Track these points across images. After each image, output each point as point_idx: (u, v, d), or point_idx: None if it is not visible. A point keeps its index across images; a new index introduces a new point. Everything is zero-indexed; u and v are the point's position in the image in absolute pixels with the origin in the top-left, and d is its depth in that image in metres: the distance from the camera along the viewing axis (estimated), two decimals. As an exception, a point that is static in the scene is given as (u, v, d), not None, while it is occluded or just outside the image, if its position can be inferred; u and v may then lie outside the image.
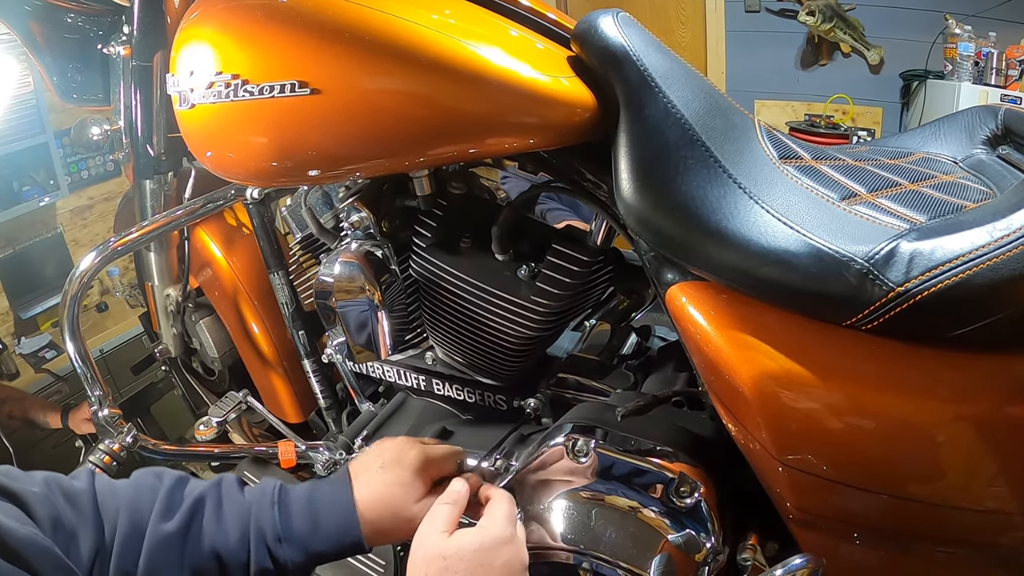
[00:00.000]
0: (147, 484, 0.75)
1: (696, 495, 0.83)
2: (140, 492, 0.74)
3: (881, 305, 0.65)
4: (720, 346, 0.73)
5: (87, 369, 1.12)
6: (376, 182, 1.08)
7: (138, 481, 0.76)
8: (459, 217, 1.05)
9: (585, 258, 0.97)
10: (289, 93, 0.80)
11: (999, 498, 0.70)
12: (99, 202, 2.93)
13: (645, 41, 0.79)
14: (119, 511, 0.71)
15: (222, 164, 0.92)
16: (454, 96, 0.78)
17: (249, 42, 0.84)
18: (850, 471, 0.72)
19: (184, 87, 0.90)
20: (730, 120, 0.80)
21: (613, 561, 0.85)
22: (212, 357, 1.59)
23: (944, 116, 1.01)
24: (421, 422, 1.23)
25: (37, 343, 2.72)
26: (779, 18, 3.42)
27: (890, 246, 0.65)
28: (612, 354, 1.20)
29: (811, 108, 3.47)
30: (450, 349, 1.16)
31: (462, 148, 0.81)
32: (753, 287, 0.72)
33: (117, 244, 1.18)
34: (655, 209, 0.75)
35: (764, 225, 0.71)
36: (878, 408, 0.69)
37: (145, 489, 0.75)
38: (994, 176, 0.86)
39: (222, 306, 1.51)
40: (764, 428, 0.73)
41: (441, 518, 0.74)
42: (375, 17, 0.79)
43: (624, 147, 0.77)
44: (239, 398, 1.35)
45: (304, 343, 1.35)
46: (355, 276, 1.00)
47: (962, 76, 2.87)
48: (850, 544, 0.78)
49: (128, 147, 1.41)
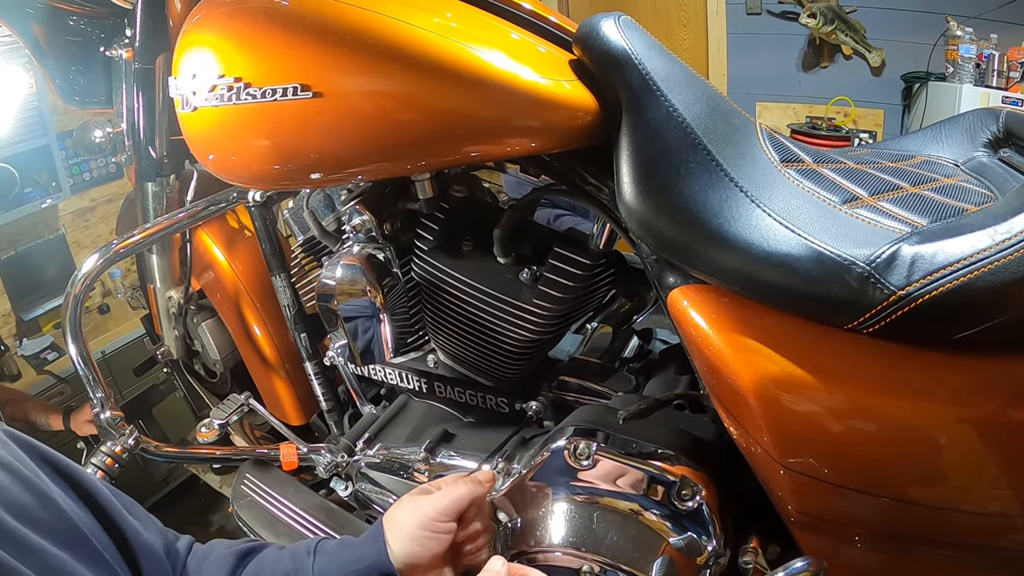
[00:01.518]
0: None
1: (698, 498, 0.83)
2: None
3: (883, 309, 0.65)
4: (721, 349, 0.73)
5: (89, 371, 1.12)
6: (378, 185, 1.09)
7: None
8: (461, 220, 1.06)
9: (587, 261, 0.97)
10: (291, 96, 0.80)
11: (1001, 501, 0.70)
12: (101, 204, 2.93)
13: (647, 44, 0.79)
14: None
15: (224, 167, 0.92)
16: (456, 99, 0.78)
17: (251, 45, 0.84)
18: (852, 474, 0.72)
19: (186, 90, 0.90)
20: (732, 123, 0.80)
21: (614, 564, 0.85)
22: (214, 359, 1.60)
23: (945, 119, 1.01)
24: (423, 425, 1.23)
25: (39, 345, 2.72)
26: (780, 20, 3.42)
27: (892, 250, 0.65)
28: (614, 357, 1.20)
29: (812, 110, 3.47)
30: (452, 352, 1.16)
31: (464, 151, 0.81)
32: (755, 290, 0.72)
33: (119, 246, 1.18)
34: (657, 212, 0.75)
35: (766, 229, 0.71)
36: (880, 411, 0.69)
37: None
38: (995, 179, 0.86)
39: (224, 308, 1.51)
40: (765, 431, 0.73)
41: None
42: (377, 21, 0.79)
43: (626, 150, 0.77)
44: (241, 400, 1.35)
45: (306, 345, 1.35)
46: (357, 279, 1.00)
47: (963, 78, 2.86)
48: (851, 547, 0.78)
49: (130, 150, 1.41)
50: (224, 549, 0.77)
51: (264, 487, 1.36)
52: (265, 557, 0.77)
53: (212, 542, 0.78)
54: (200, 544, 0.78)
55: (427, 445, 1.14)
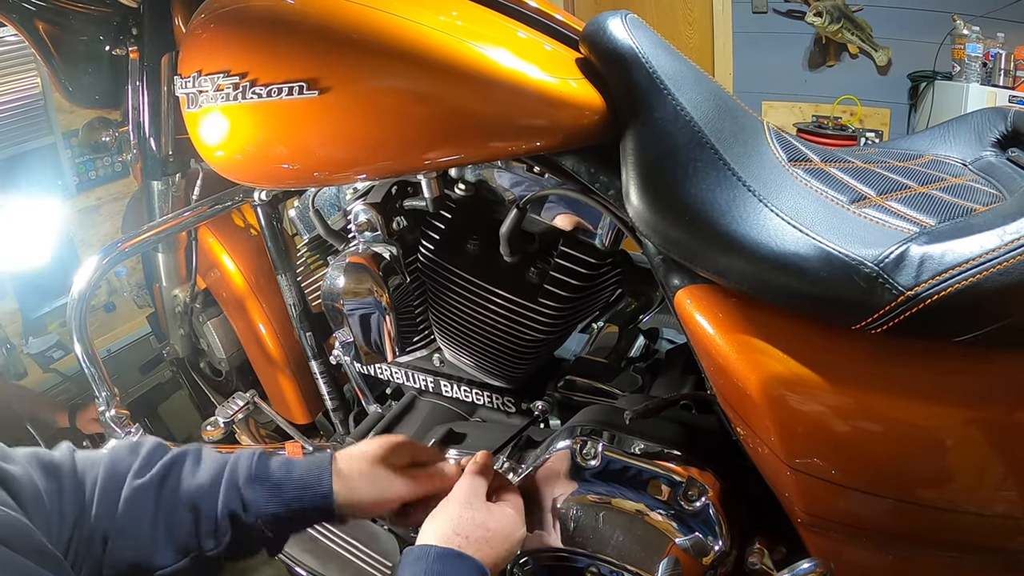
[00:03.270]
0: (124, 447, 0.77)
1: (704, 499, 0.83)
2: (117, 455, 0.76)
3: (891, 309, 0.64)
4: (728, 350, 0.73)
5: (94, 369, 1.12)
6: (384, 184, 1.08)
7: (116, 447, 0.78)
8: (467, 219, 1.05)
9: (593, 260, 0.97)
10: (297, 95, 0.80)
11: (1008, 503, 0.69)
12: (107, 203, 2.94)
13: (654, 43, 0.79)
14: (98, 473, 0.73)
15: (230, 166, 0.92)
16: (462, 98, 0.78)
17: (257, 43, 0.84)
18: (859, 475, 0.71)
19: (192, 88, 0.90)
20: (739, 122, 0.80)
21: (620, 564, 0.85)
22: (219, 358, 1.60)
23: (953, 118, 1.01)
24: (428, 423, 1.23)
25: (45, 343, 2.72)
26: (786, 19, 3.41)
27: (900, 249, 0.65)
28: (620, 357, 1.20)
29: (819, 109, 3.47)
30: (458, 351, 1.16)
31: (470, 150, 0.81)
32: (762, 291, 0.72)
33: (125, 245, 1.18)
34: (664, 212, 0.75)
35: (773, 228, 0.70)
36: (887, 412, 0.68)
37: (123, 451, 0.76)
38: (1004, 179, 0.85)
39: (230, 307, 1.51)
40: (772, 432, 0.72)
41: (479, 489, 0.79)
42: (383, 19, 0.79)
43: (633, 149, 0.76)
44: (246, 399, 1.35)
45: (311, 344, 1.35)
46: (363, 278, 1.00)
47: (970, 77, 2.86)
48: (858, 548, 0.78)
49: (136, 148, 1.41)
50: (134, 482, 0.73)
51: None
52: (188, 483, 0.75)
53: (110, 466, 0.74)
54: (84, 460, 0.74)
55: (432, 444, 1.14)
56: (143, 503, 0.72)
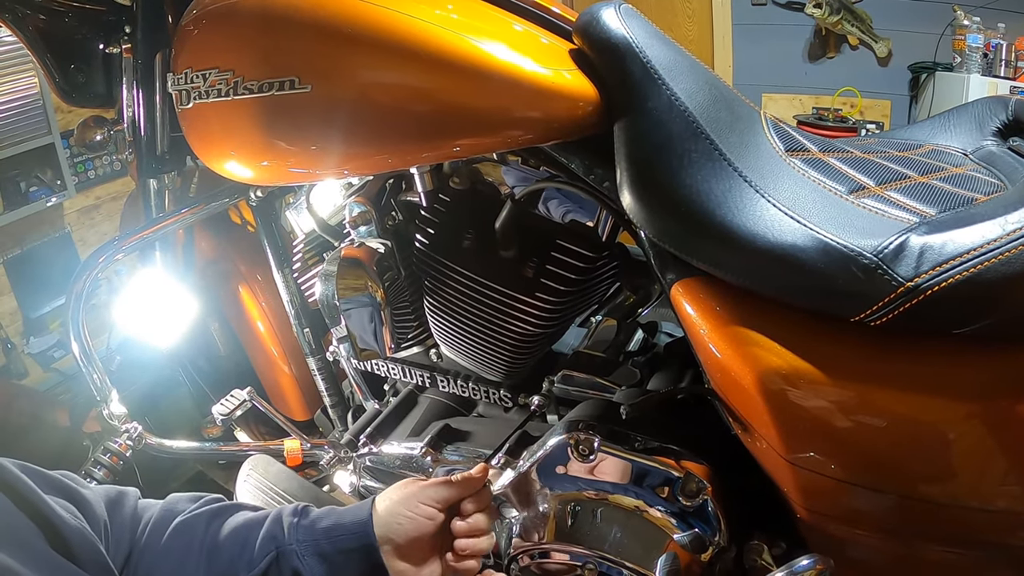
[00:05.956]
0: (187, 496, 0.80)
1: (703, 494, 0.82)
2: (178, 499, 0.79)
3: (890, 300, 0.63)
4: (725, 343, 0.72)
5: (92, 368, 1.12)
6: (378, 179, 1.08)
7: (178, 495, 0.80)
8: (462, 213, 1.05)
9: (590, 254, 0.96)
10: (288, 90, 0.79)
11: (1009, 497, 0.68)
12: (106, 202, 2.94)
13: (648, 33, 0.78)
14: (154, 513, 0.76)
15: (223, 163, 0.92)
16: (455, 91, 0.77)
17: (248, 39, 0.83)
18: (858, 470, 0.71)
19: (184, 85, 0.89)
20: (735, 112, 0.79)
21: (618, 561, 0.85)
22: (217, 355, 1.59)
23: (954, 107, 1.00)
24: (426, 419, 1.23)
25: (45, 342, 2.73)
26: (786, 11, 3.40)
27: (900, 240, 0.64)
28: (618, 350, 1.19)
29: (819, 101, 3.45)
30: (454, 346, 1.16)
31: (464, 143, 0.80)
32: (759, 282, 0.71)
33: (123, 244, 1.18)
34: (659, 203, 0.74)
35: (770, 219, 0.69)
36: (887, 406, 0.68)
37: (184, 499, 0.79)
38: (1005, 168, 0.84)
39: (227, 304, 1.51)
40: (770, 426, 0.72)
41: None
42: (375, 13, 0.78)
43: (627, 141, 0.76)
44: (244, 396, 1.34)
45: (309, 341, 1.34)
46: (358, 273, 0.99)
47: (971, 68, 2.84)
48: (858, 544, 0.77)
49: (131, 147, 1.40)
50: (185, 516, 0.76)
51: (268, 482, 1.36)
52: (237, 519, 0.77)
53: (167, 505, 0.77)
54: (145, 503, 0.77)
55: (430, 440, 1.14)
56: (190, 533, 0.74)
